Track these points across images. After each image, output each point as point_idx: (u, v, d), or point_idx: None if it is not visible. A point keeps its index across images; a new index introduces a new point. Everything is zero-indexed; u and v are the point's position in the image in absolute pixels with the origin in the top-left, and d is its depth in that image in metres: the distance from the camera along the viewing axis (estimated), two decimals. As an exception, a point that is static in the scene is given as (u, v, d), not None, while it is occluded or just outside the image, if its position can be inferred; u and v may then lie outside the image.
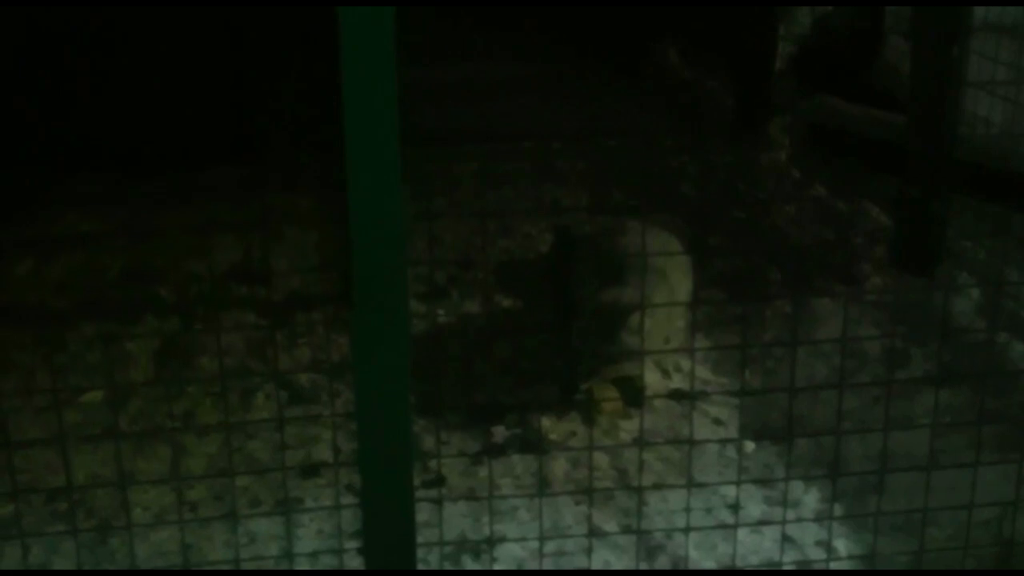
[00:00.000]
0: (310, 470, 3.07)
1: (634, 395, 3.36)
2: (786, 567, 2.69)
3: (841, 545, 2.78)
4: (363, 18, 1.98)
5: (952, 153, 3.96)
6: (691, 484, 2.67)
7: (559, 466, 3.14)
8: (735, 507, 2.87)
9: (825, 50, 5.67)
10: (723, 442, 3.15)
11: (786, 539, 2.72)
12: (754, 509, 2.93)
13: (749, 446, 3.16)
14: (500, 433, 3.28)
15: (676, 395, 3.42)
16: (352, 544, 2.67)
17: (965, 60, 3.83)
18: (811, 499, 2.97)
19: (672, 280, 3.35)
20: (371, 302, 2.15)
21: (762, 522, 2.84)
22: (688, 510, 2.65)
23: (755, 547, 2.78)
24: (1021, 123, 3.90)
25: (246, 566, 2.70)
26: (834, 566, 2.69)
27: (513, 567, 2.76)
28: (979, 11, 4.04)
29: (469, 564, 2.80)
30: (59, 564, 2.77)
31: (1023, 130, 3.91)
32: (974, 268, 4.00)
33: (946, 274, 4.01)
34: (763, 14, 5.61)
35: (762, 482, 2.99)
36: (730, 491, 2.94)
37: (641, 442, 2.66)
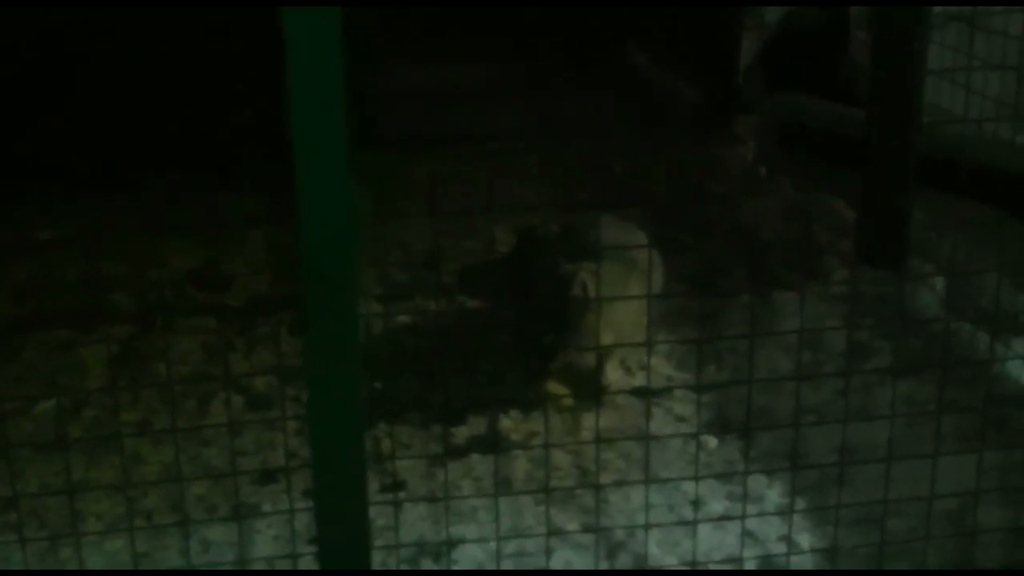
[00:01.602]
0: (266, 475, 3.02)
1: (592, 391, 3.32)
2: (748, 563, 2.66)
3: (803, 539, 2.75)
4: (309, 18, 1.94)
5: (915, 146, 3.95)
6: (651, 480, 2.63)
7: (520, 466, 3.10)
8: (696, 503, 2.83)
9: (791, 47, 5.66)
10: (684, 437, 3.11)
11: (748, 534, 2.68)
12: (716, 505, 2.90)
13: (711, 442, 3.13)
14: (461, 434, 3.24)
15: (637, 392, 3.38)
16: (308, 549, 2.62)
17: (926, 52, 3.81)
18: (773, 493, 2.94)
19: (637, 275, 3.32)
20: (322, 304, 2.11)
21: (724, 517, 2.80)
22: (649, 507, 2.61)
23: (717, 543, 2.74)
24: (978, 111, 3.88)
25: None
26: (795, 560, 2.65)
27: (473, 568, 2.72)
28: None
29: (429, 566, 2.75)
30: (8, 576, 2.72)
31: (982, 118, 3.88)
32: (939, 260, 3.99)
33: (912, 267, 3.99)
34: (728, 12, 5.60)
35: (724, 477, 2.95)
36: (692, 487, 2.91)
37: (598, 439, 2.61)
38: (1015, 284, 3.73)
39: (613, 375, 3.47)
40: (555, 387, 3.33)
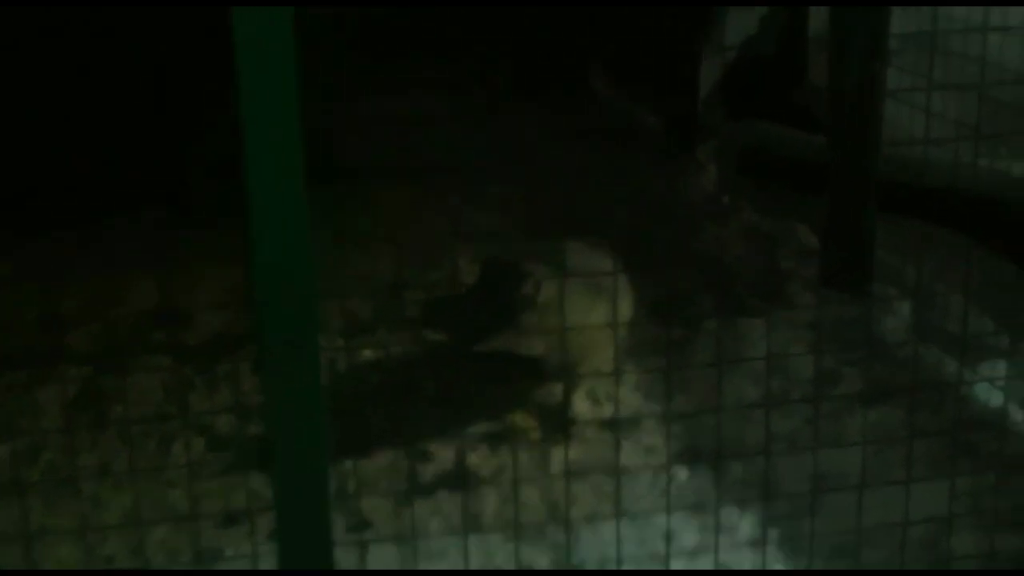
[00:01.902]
0: (229, 518, 2.95)
1: (560, 424, 3.28)
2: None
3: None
4: (261, 34, 1.90)
5: (876, 170, 3.95)
6: (623, 514, 2.59)
7: (490, 503, 3.05)
8: (668, 536, 2.79)
9: (750, 73, 5.67)
10: (655, 468, 3.07)
11: (721, 566, 2.64)
12: (689, 537, 2.86)
13: (681, 473, 3.09)
14: (428, 471, 3.19)
15: (605, 423, 3.34)
16: (274, 593, 2.57)
17: (885, 74, 3.82)
18: (746, 524, 2.90)
19: (603, 302, 3.29)
20: (280, 340, 2.06)
21: (697, 550, 2.76)
22: (620, 541, 2.57)
23: (690, 577, 2.71)
24: (937, 133, 3.87)
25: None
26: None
27: None
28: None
29: (397, 608, 2.70)
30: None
31: (940, 139, 3.88)
32: (904, 284, 3.98)
33: (876, 291, 3.98)
34: (688, 39, 5.60)
35: (695, 508, 2.91)
36: (664, 520, 2.86)
37: (568, 473, 2.57)
38: (980, 307, 3.73)
39: (580, 406, 3.43)
40: (522, 420, 3.29)
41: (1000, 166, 3.87)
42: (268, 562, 2.56)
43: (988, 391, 3.29)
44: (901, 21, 3.92)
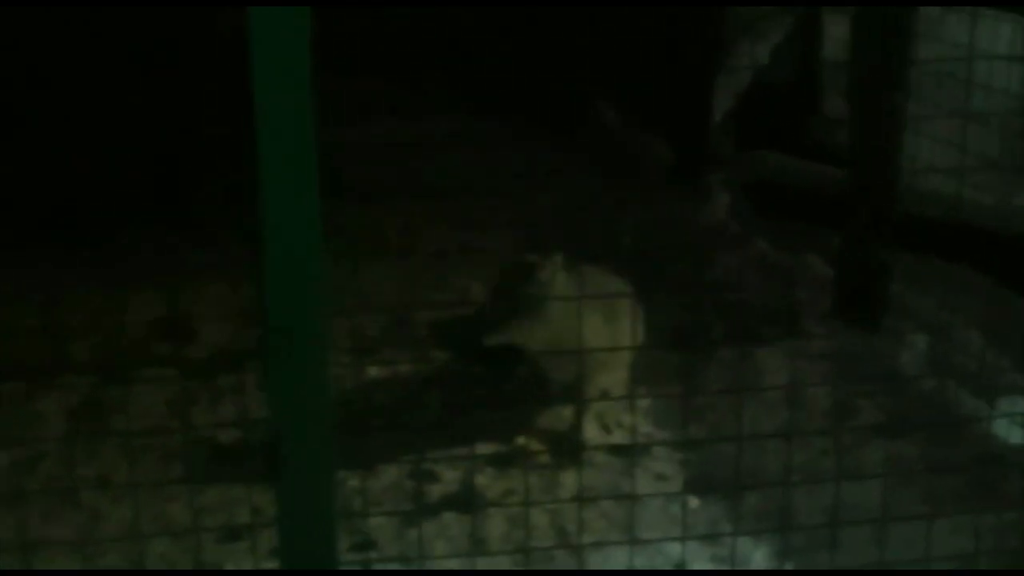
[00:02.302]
0: (231, 533, 2.89)
1: (570, 449, 3.22)
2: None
3: (792, 604, 2.65)
4: (277, 63, 1.86)
5: (895, 202, 3.90)
6: (634, 542, 2.52)
7: (496, 525, 2.98)
8: (681, 565, 2.72)
9: (762, 104, 5.64)
10: (667, 496, 3.00)
11: (735, 598, 2.58)
12: (700, 567, 2.79)
13: (693, 502, 3.03)
14: (434, 491, 3.12)
15: (616, 449, 3.28)
16: (275, 612, 2.50)
17: (906, 105, 3.77)
18: (759, 555, 2.83)
19: (619, 326, 3.23)
20: (290, 356, 2.00)
21: (710, 580, 2.70)
22: (631, 570, 2.50)
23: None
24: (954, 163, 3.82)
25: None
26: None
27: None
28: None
29: (400, 632, 2.63)
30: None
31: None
32: (920, 318, 3.92)
33: (891, 325, 3.93)
34: (700, 69, 5.57)
35: (708, 538, 2.85)
36: (675, 549, 2.80)
37: (580, 498, 2.51)
38: (994, 342, 3.68)
39: (590, 431, 3.37)
40: (531, 443, 3.22)
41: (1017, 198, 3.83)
42: (270, 580, 2.50)
43: (1006, 427, 3.24)
44: (924, 49, 3.88)
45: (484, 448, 3.24)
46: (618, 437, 3.36)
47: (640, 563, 2.71)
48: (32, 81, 4.96)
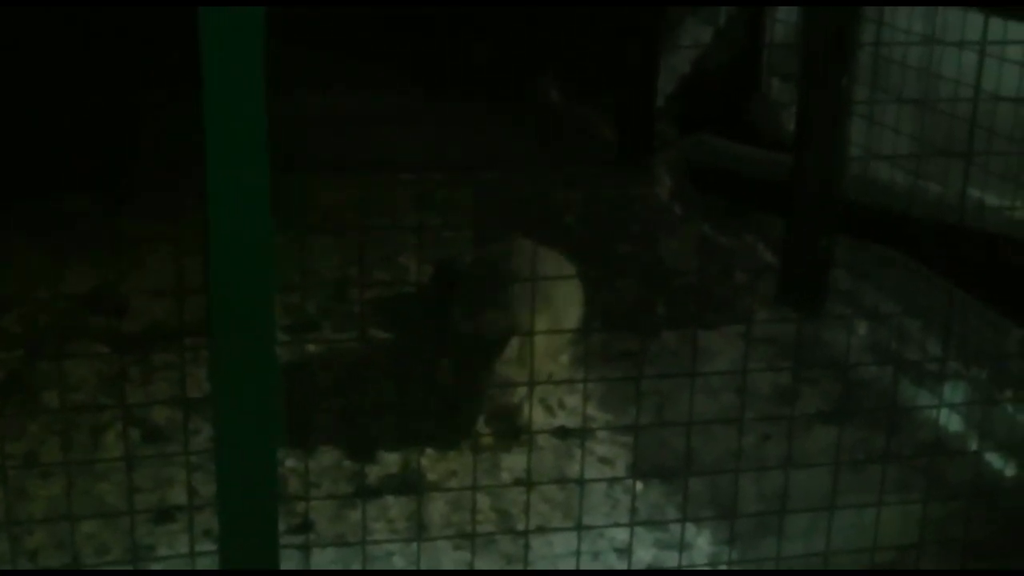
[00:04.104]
0: (164, 514, 2.81)
1: (512, 431, 3.18)
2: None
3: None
4: (227, 28, 1.79)
5: (841, 188, 3.89)
6: (580, 527, 2.48)
7: (437, 508, 2.94)
8: (624, 551, 2.69)
9: (703, 88, 5.63)
10: (611, 481, 2.97)
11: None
12: (644, 553, 2.76)
13: (638, 486, 3.00)
14: (374, 473, 3.06)
15: (561, 432, 3.24)
16: (209, 595, 2.43)
17: (852, 90, 3.76)
18: (703, 541, 2.81)
19: (557, 308, 3.19)
20: (233, 333, 1.94)
21: (653, 567, 2.67)
22: (577, 554, 2.46)
23: (646, 593, 2.62)
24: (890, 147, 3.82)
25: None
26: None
27: None
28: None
29: (338, 616, 2.57)
30: None
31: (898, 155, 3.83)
32: (862, 305, 3.92)
33: (834, 311, 3.93)
34: (644, 49, 5.54)
35: (652, 524, 2.82)
36: (618, 534, 2.77)
37: (529, 482, 2.46)
38: (935, 331, 3.69)
39: (532, 413, 3.32)
40: (480, 425, 3.17)
41: (960, 185, 3.83)
42: (206, 561, 2.43)
43: (947, 415, 3.24)
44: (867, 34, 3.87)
45: (425, 430, 3.18)
46: (561, 419, 3.32)
47: (584, 548, 2.68)
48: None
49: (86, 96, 5.09)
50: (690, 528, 2.81)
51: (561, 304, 3.28)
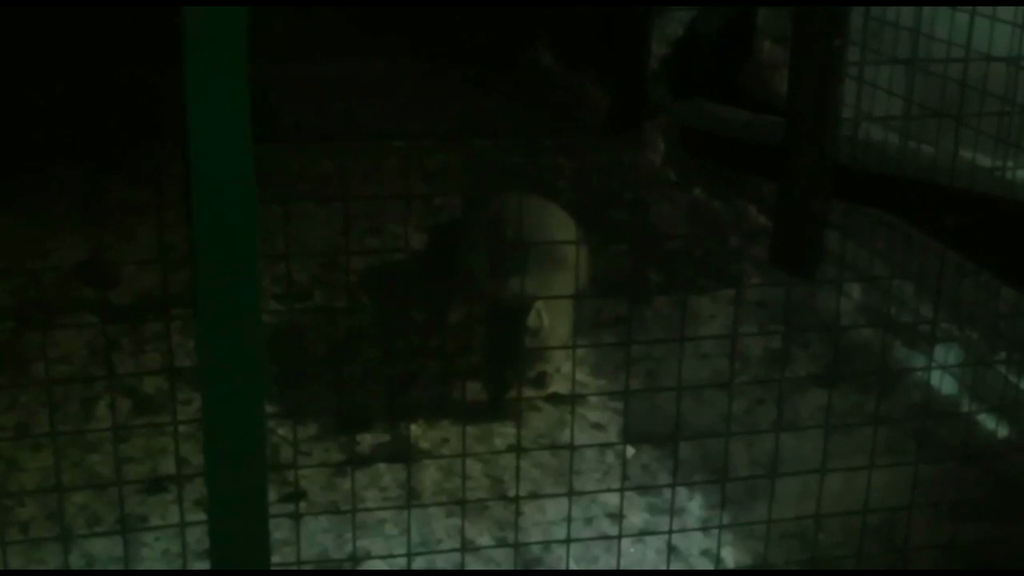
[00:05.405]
0: (155, 485, 2.80)
1: (505, 397, 3.17)
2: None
3: (728, 554, 2.63)
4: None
5: (832, 150, 3.87)
6: (571, 492, 2.48)
7: (429, 475, 2.93)
8: (617, 516, 2.69)
9: (696, 53, 5.58)
10: (604, 447, 2.97)
11: (672, 549, 2.55)
12: (635, 518, 2.76)
13: (629, 451, 2.99)
14: (366, 441, 3.06)
15: (552, 398, 3.24)
16: (201, 564, 2.43)
17: (846, 52, 3.73)
18: (695, 506, 2.81)
19: (563, 272, 3.19)
20: (219, 303, 1.93)
21: (645, 532, 2.67)
22: (569, 520, 2.46)
23: (639, 558, 2.61)
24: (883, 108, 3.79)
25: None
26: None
27: None
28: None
29: (331, 583, 2.57)
30: None
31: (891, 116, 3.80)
32: (855, 269, 3.91)
33: (827, 275, 3.91)
34: (635, 13, 5.50)
35: (643, 488, 2.82)
36: (610, 499, 2.77)
37: (519, 448, 2.46)
38: (928, 294, 3.67)
39: (528, 379, 3.31)
40: (465, 392, 3.16)
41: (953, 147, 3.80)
42: (195, 531, 2.42)
43: (939, 377, 3.23)
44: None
45: (418, 397, 3.18)
46: (555, 386, 3.32)
47: (575, 513, 2.67)
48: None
49: (73, 66, 5.06)
50: (682, 492, 2.80)
51: (574, 262, 3.27)
